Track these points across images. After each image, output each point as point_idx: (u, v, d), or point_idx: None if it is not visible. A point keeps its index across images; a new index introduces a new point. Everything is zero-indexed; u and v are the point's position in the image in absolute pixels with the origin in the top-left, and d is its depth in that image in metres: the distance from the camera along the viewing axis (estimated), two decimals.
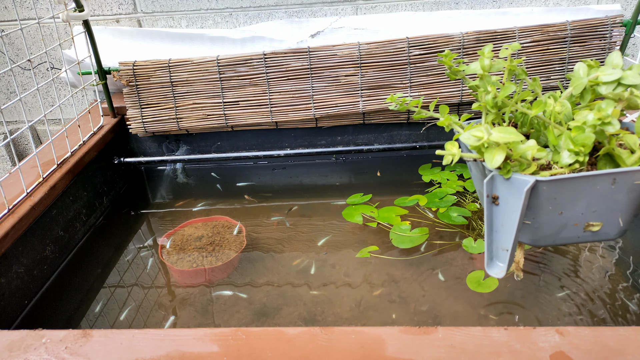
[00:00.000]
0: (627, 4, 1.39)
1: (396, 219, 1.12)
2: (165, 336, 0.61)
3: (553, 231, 0.67)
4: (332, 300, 0.91)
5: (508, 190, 0.64)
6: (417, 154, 1.41)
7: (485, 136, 0.61)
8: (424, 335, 0.58)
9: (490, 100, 0.71)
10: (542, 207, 0.64)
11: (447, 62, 0.80)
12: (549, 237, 0.68)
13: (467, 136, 0.63)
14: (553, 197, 0.63)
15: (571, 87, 0.67)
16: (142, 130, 1.33)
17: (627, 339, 0.56)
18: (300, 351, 0.58)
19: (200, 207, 1.26)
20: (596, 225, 0.66)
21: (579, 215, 0.65)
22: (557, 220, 0.65)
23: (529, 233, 0.68)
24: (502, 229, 0.67)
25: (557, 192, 0.63)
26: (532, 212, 0.65)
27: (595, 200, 0.63)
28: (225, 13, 1.46)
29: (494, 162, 0.61)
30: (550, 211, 0.64)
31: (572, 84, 0.67)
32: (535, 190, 0.63)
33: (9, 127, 1.72)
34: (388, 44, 1.22)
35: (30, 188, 0.99)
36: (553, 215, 0.65)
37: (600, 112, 0.60)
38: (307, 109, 1.28)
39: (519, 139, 0.61)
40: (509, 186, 0.64)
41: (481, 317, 0.85)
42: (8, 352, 0.60)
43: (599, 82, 0.64)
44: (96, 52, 1.24)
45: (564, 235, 0.67)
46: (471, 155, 0.68)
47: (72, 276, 1.04)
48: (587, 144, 0.60)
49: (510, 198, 0.64)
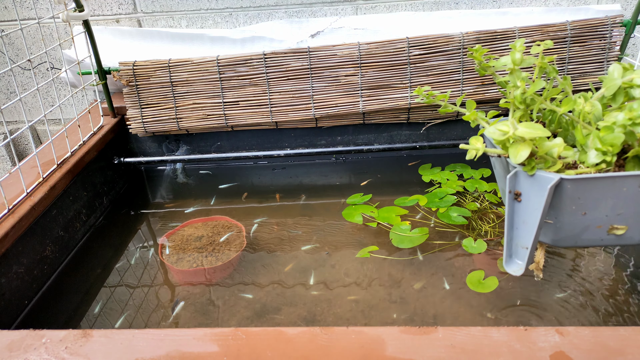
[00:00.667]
0: (627, 4, 1.39)
1: (396, 219, 1.12)
2: (165, 336, 0.61)
3: (575, 232, 0.66)
4: (332, 300, 0.91)
5: (531, 187, 0.63)
6: (417, 154, 1.41)
7: (511, 131, 0.60)
8: (424, 335, 0.58)
9: (519, 95, 0.69)
10: (566, 206, 0.63)
11: (478, 57, 0.77)
12: (571, 238, 0.66)
13: (493, 130, 0.62)
14: (577, 197, 0.62)
15: (604, 88, 0.66)
16: (142, 130, 1.33)
17: (627, 339, 0.56)
18: (300, 351, 0.58)
19: (200, 207, 1.26)
20: (621, 229, 0.64)
21: (603, 218, 0.64)
22: (580, 221, 0.64)
23: (551, 233, 0.67)
24: (523, 226, 0.66)
25: (581, 192, 0.61)
26: (555, 211, 0.64)
27: (621, 203, 0.62)
28: (225, 13, 1.46)
29: (519, 157, 0.60)
30: (574, 211, 0.63)
31: (604, 84, 0.66)
32: (559, 189, 0.61)
33: (9, 127, 1.72)
34: (388, 44, 1.22)
35: (30, 188, 0.99)
36: (576, 215, 0.64)
37: (632, 112, 0.59)
38: (307, 109, 1.28)
39: (545, 134, 0.59)
40: (532, 183, 0.63)
41: (481, 317, 0.85)
42: (8, 352, 0.60)
43: (633, 84, 0.63)
44: (96, 52, 1.24)
45: (587, 237, 0.66)
46: (495, 150, 0.66)
47: (72, 276, 1.04)
48: (615, 143, 0.59)
49: (533, 195, 0.63)
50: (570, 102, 0.66)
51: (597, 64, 1.23)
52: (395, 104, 1.26)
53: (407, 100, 1.26)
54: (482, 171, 1.28)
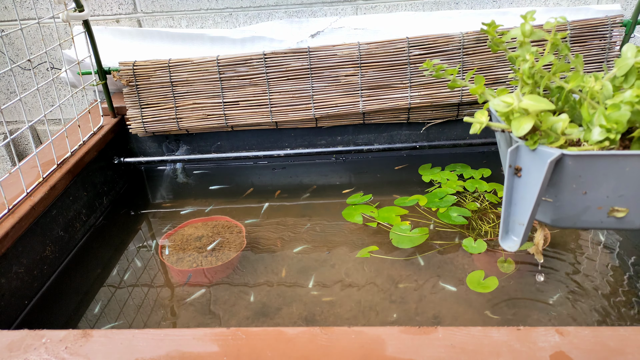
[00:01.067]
0: (627, 4, 1.39)
1: (396, 219, 1.12)
2: (165, 336, 0.61)
3: (575, 212, 0.64)
4: (332, 300, 0.91)
5: (532, 162, 0.62)
6: (417, 154, 1.41)
7: (515, 102, 0.59)
8: (424, 335, 0.58)
9: (527, 69, 0.67)
10: (566, 184, 0.62)
11: (491, 32, 0.76)
12: (570, 218, 0.65)
13: (497, 102, 0.61)
14: (578, 175, 0.60)
15: (616, 68, 0.64)
16: (142, 130, 1.33)
17: (627, 339, 0.56)
18: (300, 351, 0.58)
19: (199, 207, 1.26)
20: (621, 212, 0.62)
21: (604, 198, 0.62)
22: (580, 200, 0.63)
23: (550, 212, 0.66)
24: (521, 202, 0.65)
25: (583, 169, 0.60)
26: (555, 189, 0.63)
27: (624, 184, 0.60)
28: (225, 13, 1.46)
29: (521, 130, 0.59)
30: (574, 190, 0.62)
31: (617, 64, 0.64)
32: (560, 165, 0.60)
33: (9, 127, 1.72)
34: (388, 44, 1.22)
35: (30, 188, 0.99)
36: (576, 194, 0.62)
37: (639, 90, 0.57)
38: (307, 109, 1.28)
39: (550, 107, 0.58)
40: (533, 158, 0.62)
41: (481, 317, 0.85)
42: (8, 352, 0.60)
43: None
44: (96, 52, 1.24)
45: (586, 218, 0.64)
46: (499, 125, 0.65)
47: (72, 276, 1.04)
48: (620, 121, 0.57)
49: (533, 171, 0.62)
50: (578, 78, 0.64)
51: (597, 64, 1.23)
52: (395, 104, 1.26)
53: (407, 100, 1.26)
54: (482, 171, 1.28)
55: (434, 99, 1.26)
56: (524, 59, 0.68)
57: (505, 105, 0.60)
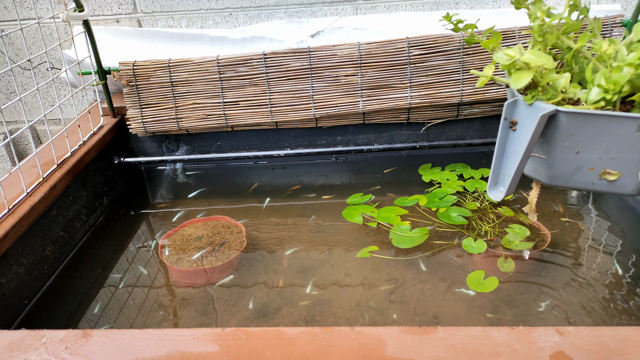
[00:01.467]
0: (627, 4, 1.39)
1: (396, 219, 1.12)
2: (165, 336, 0.61)
3: (567, 171, 0.64)
4: (332, 300, 0.91)
5: (528, 116, 0.62)
6: (417, 154, 1.41)
7: (517, 55, 0.59)
8: (424, 335, 0.58)
9: (536, 26, 0.67)
10: (559, 142, 0.62)
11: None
12: (562, 176, 0.65)
13: (501, 55, 0.61)
14: (571, 133, 0.61)
15: (633, 33, 0.64)
16: (142, 130, 1.33)
17: (627, 339, 0.56)
18: (300, 351, 0.58)
19: (200, 207, 1.26)
20: (613, 174, 0.62)
21: (597, 160, 0.62)
22: (572, 159, 0.63)
23: (543, 169, 0.66)
24: (513, 155, 0.65)
25: (576, 128, 0.60)
26: (548, 145, 0.63)
27: (616, 146, 0.60)
28: (225, 13, 1.46)
29: (519, 83, 0.59)
30: (567, 148, 0.62)
31: (634, 29, 0.64)
32: (554, 122, 0.60)
33: (9, 127, 1.72)
34: (388, 44, 1.22)
35: (30, 188, 0.99)
36: (569, 153, 0.62)
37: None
38: (307, 109, 1.28)
39: (550, 62, 0.58)
40: (529, 112, 0.62)
41: (481, 317, 0.85)
42: (8, 352, 0.60)
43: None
44: (96, 52, 1.24)
45: (578, 178, 0.64)
46: (503, 79, 0.65)
47: (72, 276, 1.04)
48: (618, 82, 0.57)
49: (527, 125, 0.62)
50: (585, 37, 0.63)
51: None
52: (395, 104, 1.26)
53: (407, 100, 1.26)
54: (482, 171, 1.28)
55: (434, 99, 1.26)
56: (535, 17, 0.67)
57: (508, 58, 0.60)
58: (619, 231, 1.05)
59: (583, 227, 1.07)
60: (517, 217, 1.09)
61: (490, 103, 1.28)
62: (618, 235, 1.04)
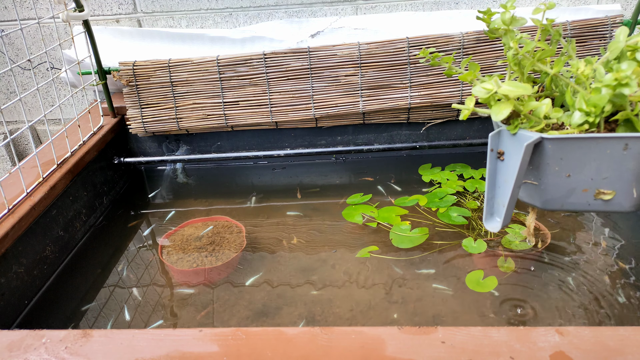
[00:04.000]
0: (627, 4, 1.39)
1: (396, 219, 1.12)
2: (165, 336, 0.61)
3: (561, 194, 0.64)
4: (332, 300, 0.91)
5: (513, 146, 0.63)
6: (417, 154, 1.41)
7: (494, 88, 0.60)
8: (424, 335, 0.58)
9: (510, 56, 0.68)
10: (548, 167, 0.62)
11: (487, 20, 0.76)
12: (557, 200, 0.65)
13: (479, 89, 0.62)
14: (559, 158, 0.61)
15: (608, 51, 0.64)
16: (142, 130, 1.33)
17: (627, 339, 0.56)
18: (300, 351, 0.58)
19: (200, 207, 1.26)
20: (608, 194, 0.62)
21: (589, 181, 0.62)
22: (564, 183, 0.63)
23: (537, 195, 0.66)
24: (504, 185, 0.65)
25: (563, 152, 0.60)
26: (538, 172, 0.63)
27: (606, 166, 0.60)
28: (225, 13, 1.46)
29: (500, 115, 0.60)
30: (557, 172, 0.62)
31: (609, 47, 0.64)
32: (541, 149, 0.61)
33: (9, 127, 1.72)
34: (388, 44, 1.22)
35: (30, 188, 0.99)
36: (560, 177, 0.63)
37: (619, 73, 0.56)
38: (307, 109, 1.28)
39: (528, 92, 0.59)
40: (514, 142, 0.62)
41: (481, 317, 0.85)
42: (8, 352, 0.60)
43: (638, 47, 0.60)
44: (96, 52, 1.24)
45: (573, 200, 0.64)
46: (484, 110, 0.65)
47: (72, 276, 1.04)
48: (598, 104, 0.57)
49: (514, 154, 0.63)
50: (560, 63, 0.64)
51: None
52: (395, 104, 1.26)
53: (407, 100, 1.26)
54: (482, 171, 1.28)
55: (434, 99, 1.26)
56: (508, 47, 0.69)
57: (486, 92, 0.61)
58: (619, 231, 1.05)
59: (583, 227, 1.07)
60: (517, 217, 1.09)
61: None
62: (618, 235, 1.04)
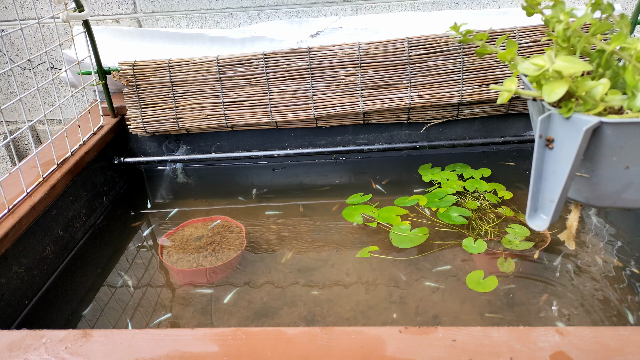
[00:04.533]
0: (627, 4, 1.39)
1: (396, 219, 1.12)
2: (165, 336, 0.61)
3: (615, 189, 0.57)
4: (332, 300, 0.91)
5: (566, 132, 0.55)
6: (417, 154, 1.41)
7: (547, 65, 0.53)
8: (424, 335, 0.58)
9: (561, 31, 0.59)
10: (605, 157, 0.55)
11: None
12: (609, 195, 0.58)
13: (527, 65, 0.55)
14: (619, 146, 0.54)
15: None
16: (142, 130, 1.33)
17: (627, 339, 0.56)
18: (300, 351, 0.58)
19: (200, 207, 1.26)
20: None
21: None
22: (621, 175, 0.56)
23: (586, 189, 0.59)
24: (553, 177, 0.58)
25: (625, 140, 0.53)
26: (592, 162, 0.56)
27: None
28: (225, 13, 1.46)
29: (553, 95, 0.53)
30: (614, 163, 0.55)
31: None
32: (598, 136, 0.53)
33: (9, 127, 1.72)
34: (388, 44, 1.22)
35: (30, 188, 0.99)
36: (617, 169, 0.55)
37: None
38: (307, 109, 1.28)
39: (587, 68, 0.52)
40: (567, 127, 0.55)
41: (481, 317, 0.85)
42: (8, 352, 0.60)
43: None
44: (96, 52, 1.24)
45: (628, 196, 0.57)
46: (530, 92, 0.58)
47: (72, 276, 1.04)
48: None
49: (567, 142, 0.55)
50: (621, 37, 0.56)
51: None
52: (395, 104, 1.26)
53: (407, 100, 1.26)
54: (482, 171, 1.28)
55: (434, 99, 1.26)
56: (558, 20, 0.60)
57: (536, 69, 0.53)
58: (619, 231, 1.05)
59: (583, 227, 1.07)
60: (517, 217, 1.09)
61: (490, 103, 1.28)
62: (618, 235, 1.04)
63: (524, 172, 1.30)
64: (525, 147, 1.40)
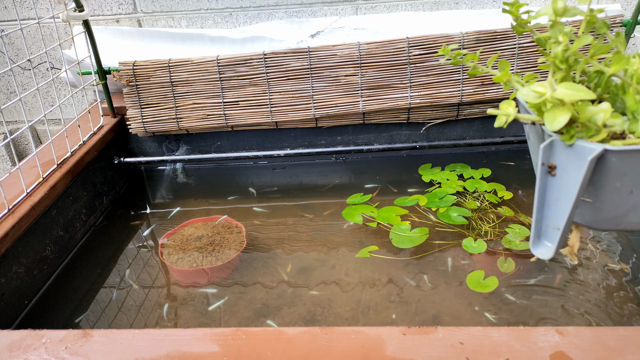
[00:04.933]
0: (627, 4, 1.39)
1: (396, 219, 1.12)
2: (165, 336, 0.61)
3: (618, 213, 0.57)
4: (332, 300, 0.91)
5: (569, 159, 0.55)
6: (417, 154, 1.41)
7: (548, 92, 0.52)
8: (424, 335, 0.58)
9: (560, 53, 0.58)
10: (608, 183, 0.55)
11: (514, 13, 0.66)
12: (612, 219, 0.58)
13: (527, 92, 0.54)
14: (623, 173, 0.53)
15: None
16: (142, 130, 1.33)
17: (627, 339, 0.56)
18: (300, 351, 0.58)
19: (200, 207, 1.26)
20: None
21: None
22: (625, 200, 0.56)
23: (589, 213, 0.59)
24: (556, 204, 0.58)
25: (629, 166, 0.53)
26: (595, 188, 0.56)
27: None
28: (225, 13, 1.46)
29: (556, 123, 0.52)
30: (618, 189, 0.55)
31: None
32: (602, 163, 0.53)
33: (9, 127, 1.72)
34: (388, 44, 1.22)
35: (30, 188, 0.99)
36: (621, 194, 0.55)
37: None
38: (307, 109, 1.28)
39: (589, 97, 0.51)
40: (570, 154, 0.54)
41: (481, 317, 0.85)
42: (8, 352, 0.60)
43: None
44: (96, 52, 1.24)
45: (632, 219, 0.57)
46: (529, 117, 0.57)
47: (72, 276, 1.04)
48: None
49: (570, 169, 0.55)
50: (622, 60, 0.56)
51: None
52: (395, 104, 1.26)
53: (407, 100, 1.26)
54: (482, 171, 1.28)
55: (434, 99, 1.26)
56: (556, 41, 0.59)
57: (537, 96, 0.53)
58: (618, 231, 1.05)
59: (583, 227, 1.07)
60: (517, 217, 1.09)
61: (490, 103, 1.28)
62: (618, 234, 1.04)
63: (524, 172, 1.30)
64: (525, 147, 1.40)
